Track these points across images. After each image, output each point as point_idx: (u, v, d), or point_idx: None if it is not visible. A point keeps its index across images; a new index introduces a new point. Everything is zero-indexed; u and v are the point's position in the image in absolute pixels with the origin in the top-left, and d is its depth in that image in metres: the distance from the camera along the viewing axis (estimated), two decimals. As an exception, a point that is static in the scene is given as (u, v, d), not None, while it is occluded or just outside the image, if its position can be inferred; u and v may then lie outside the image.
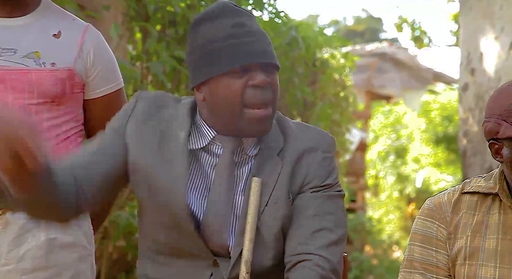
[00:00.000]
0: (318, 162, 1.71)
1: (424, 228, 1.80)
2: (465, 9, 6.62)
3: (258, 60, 1.62)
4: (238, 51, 1.61)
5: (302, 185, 1.71)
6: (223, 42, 1.62)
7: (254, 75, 1.62)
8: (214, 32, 1.63)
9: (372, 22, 29.29)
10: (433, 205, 1.81)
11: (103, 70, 2.04)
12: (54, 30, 1.99)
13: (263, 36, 1.66)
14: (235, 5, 1.68)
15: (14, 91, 1.90)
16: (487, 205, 1.78)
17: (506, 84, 1.73)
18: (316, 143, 1.73)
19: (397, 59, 14.29)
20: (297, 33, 5.25)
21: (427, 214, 1.81)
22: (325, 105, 6.42)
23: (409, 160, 13.05)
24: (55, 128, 1.96)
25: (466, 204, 1.79)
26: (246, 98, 1.62)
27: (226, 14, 1.64)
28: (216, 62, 1.62)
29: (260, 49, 1.63)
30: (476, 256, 1.74)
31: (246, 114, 1.63)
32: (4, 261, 1.92)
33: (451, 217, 1.78)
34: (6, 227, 1.92)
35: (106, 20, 3.50)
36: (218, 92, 1.63)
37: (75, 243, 1.98)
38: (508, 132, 1.66)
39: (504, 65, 5.79)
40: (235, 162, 1.71)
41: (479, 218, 1.77)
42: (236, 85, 1.62)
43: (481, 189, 1.79)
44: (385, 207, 13.12)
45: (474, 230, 1.76)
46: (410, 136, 13.20)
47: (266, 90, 1.63)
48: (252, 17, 1.68)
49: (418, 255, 1.79)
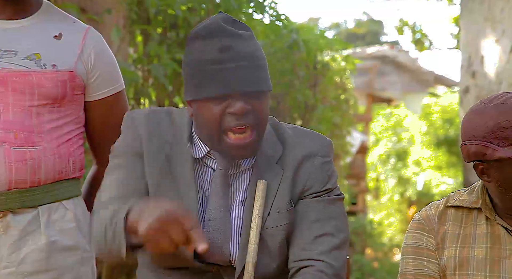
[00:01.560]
0: (317, 167, 1.72)
1: (415, 240, 1.82)
2: (466, 12, 6.62)
3: (237, 89, 1.60)
4: (219, 79, 1.59)
5: (303, 191, 1.71)
6: (207, 66, 1.61)
7: (232, 103, 1.61)
8: (202, 53, 1.62)
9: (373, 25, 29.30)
10: (421, 218, 1.84)
11: (104, 72, 2.04)
12: (55, 32, 1.99)
13: (251, 61, 1.62)
14: (234, 21, 1.65)
15: (15, 93, 1.90)
16: (473, 218, 1.80)
17: (479, 106, 1.71)
18: (314, 148, 1.73)
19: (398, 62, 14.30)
20: (298, 36, 5.25)
21: (416, 227, 1.84)
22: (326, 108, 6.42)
23: (410, 163, 13.05)
24: (56, 130, 1.96)
25: (452, 216, 1.82)
26: (224, 125, 1.62)
27: (216, 34, 1.61)
28: (199, 86, 1.62)
29: (243, 76, 1.60)
30: (466, 266, 1.76)
31: (225, 141, 1.63)
32: (5, 264, 1.92)
33: (437, 227, 1.81)
34: (7, 230, 1.92)
35: (108, 23, 3.50)
36: (200, 114, 1.64)
37: (75, 246, 1.98)
38: (497, 154, 1.66)
39: (505, 68, 5.79)
40: (230, 174, 1.71)
41: (467, 231, 1.79)
42: (214, 111, 1.61)
43: (464, 203, 1.81)
44: (386, 210, 13.12)
45: (463, 241, 1.78)
46: (411, 139, 13.20)
47: (247, 116, 1.61)
48: (244, 36, 1.63)
49: (411, 267, 1.81)
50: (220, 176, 1.69)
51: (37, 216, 1.94)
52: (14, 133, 1.89)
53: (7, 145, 1.88)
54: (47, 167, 1.93)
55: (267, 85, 1.65)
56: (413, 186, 12.83)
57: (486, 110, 1.69)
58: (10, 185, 1.89)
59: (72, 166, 1.99)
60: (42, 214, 1.94)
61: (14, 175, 1.89)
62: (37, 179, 1.92)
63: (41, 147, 1.93)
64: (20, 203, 1.91)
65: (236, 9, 4.09)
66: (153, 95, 3.94)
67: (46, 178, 1.94)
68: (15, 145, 1.89)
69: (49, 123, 1.95)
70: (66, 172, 1.98)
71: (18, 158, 1.89)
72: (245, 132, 1.62)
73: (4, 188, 1.89)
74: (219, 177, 1.69)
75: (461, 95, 6.65)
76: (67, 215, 1.98)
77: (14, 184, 1.90)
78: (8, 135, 1.88)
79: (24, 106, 1.91)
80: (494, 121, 1.66)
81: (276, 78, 5.10)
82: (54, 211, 1.96)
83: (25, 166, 1.90)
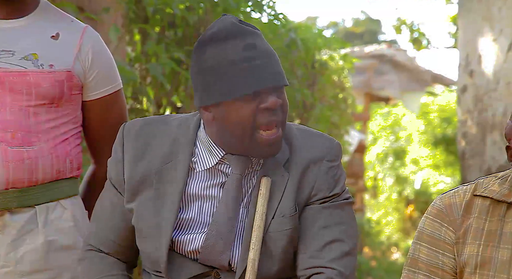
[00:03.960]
0: (324, 172, 1.69)
1: (432, 229, 1.72)
2: (464, 11, 6.62)
3: (271, 84, 1.62)
4: (251, 75, 1.60)
5: (310, 197, 1.69)
6: (235, 66, 1.60)
7: (265, 98, 1.61)
8: (226, 55, 1.60)
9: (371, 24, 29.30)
10: (443, 206, 1.72)
11: (102, 71, 2.04)
12: (53, 31, 1.99)
13: (273, 56, 1.65)
14: (241, 22, 1.65)
15: (12, 93, 1.90)
16: (501, 212, 1.68)
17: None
18: (322, 152, 1.71)
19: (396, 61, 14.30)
20: (296, 35, 5.24)
21: (436, 214, 1.73)
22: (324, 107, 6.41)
23: (408, 162, 13.05)
24: (54, 130, 1.96)
25: (478, 208, 1.70)
26: (257, 121, 1.62)
27: (236, 34, 1.61)
28: (229, 86, 1.60)
29: (271, 71, 1.62)
30: (488, 266, 1.66)
31: (257, 138, 1.62)
32: (3, 263, 1.92)
33: (461, 220, 1.70)
34: (4, 229, 1.92)
35: (105, 22, 3.50)
36: (229, 115, 1.62)
37: (73, 245, 1.98)
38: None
39: (502, 67, 5.79)
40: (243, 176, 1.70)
41: (493, 226, 1.68)
42: (248, 109, 1.61)
43: (495, 194, 1.68)
44: (384, 209, 13.12)
45: (487, 239, 1.67)
46: (408, 138, 13.20)
47: (276, 112, 1.63)
48: (259, 35, 1.65)
49: (424, 256, 1.72)
50: (234, 180, 1.68)
51: (34, 215, 1.93)
52: (11, 133, 1.89)
53: (4, 145, 1.88)
54: (45, 167, 1.93)
55: (286, 81, 1.68)
56: (411, 185, 12.84)
57: None
58: (8, 185, 1.89)
59: (69, 165, 1.99)
60: (39, 213, 1.94)
61: (12, 174, 1.89)
62: (35, 178, 1.92)
63: (38, 146, 1.92)
64: (17, 202, 1.91)
65: (234, 8, 4.09)
66: (151, 94, 3.93)
67: (44, 177, 1.93)
68: (12, 145, 1.88)
69: (46, 123, 1.95)
70: (64, 171, 1.98)
71: (15, 157, 1.88)
72: (275, 128, 1.63)
73: (1, 188, 1.89)
74: (234, 181, 1.68)
75: (459, 94, 6.65)
76: (65, 214, 1.98)
77: (11, 184, 1.89)
78: (5, 135, 1.88)
79: (22, 106, 1.91)
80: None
81: (274, 77, 5.09)
82: (51, 210, 1.96)
83: (22, 166, 1.89)
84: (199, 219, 1.69)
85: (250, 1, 4.38)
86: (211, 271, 1.69)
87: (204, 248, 1.67)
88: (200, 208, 1.69)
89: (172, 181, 1.68)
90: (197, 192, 1.69)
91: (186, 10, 3.90)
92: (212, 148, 1.68)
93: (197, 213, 1.69)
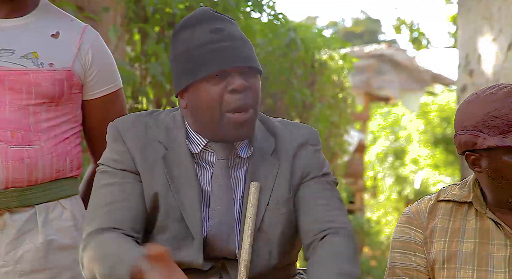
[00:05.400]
0: (311, 154, 1.77)
1: (402, 234, 1.84)
2: (463, 11, 6.62)
3: (236, 65, 1.63)
4: (216, 56, 1.62)
5: (302, 177, 1.74)
6: (201, 48, 1.63)
7: (232, 80, 1.63)
8: (193, 39, 1.64)
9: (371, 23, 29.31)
10: (410, 212, 1.86)
11: (102, 71, 2.04)
12: (53, 30, 1.99)
13: (244, 41, 1.66)
14: (215, 11, 1.68)
15: (12, 92, 1.90)
16: (463, 212, 1.81)
17: (472, 96, 1.74)
18: (305, 138, 1.78)
19: (396, 61, 14.31)
20: (295, 35, 5.25)
21: (405, 220, 1.85)
22: (323, 106, 6.42)
23: (408, 161, 13.06)
24: (54, 129, 1.96)
25: (441, 210, 1.83)
26: (225, 103, 1.63)
27: (205, 20, 1.65)
28: (195, 68, 1.63)
29: (238, 54, 1.64)
30: (454, 260, 1.77)
31: (225, 119, 1.64)
32: (2, 262, 1.92)
33: (427, 222, 1.82)
34: (4, 229, 1.92)
35: (105, 21, 3.50)
36: (198, 98, 1.65)
37: (73, 245, 1.98)
38: (487, 143, 1.67)
39: (502, 67, 5.79)
40: (230, 166, 1.72)
41: (456, 225, 1.81)
42: (214, 90, 1.63)
43: (456, 197, 1.82)
44: (383, 208, 13.13)
45: (451, 235, 1.80)
46: (408, 138, 13.21)
47: (245, 95, 1.64)
48: (233, 23, 1.68)
49: (398, 262, 1.83)
50: (221, 167, 1.70)
51: (34, 214, 1.93)
52: (11, 132, 1.89)
53: (3, 144, 1.87)
54: (44, 166, 1.93)
55: (259, 67, 1.69)
56: (410, 185, 12.85)
57: (477, 100, 1.71)
58: (7, 184, 1.89)
59: (69, 165, 1.99)
60: (39, 213, 1.94)
61: (11, 174, 1.89)
62: (34, 177, 1.92)
63: (38, 145, 1.92)
64: (17, 202, 1.91)
65: (234, 8, 4.09)
66: (150, 94, 3.94)
67: (43, 176, 1.93)
68: (12, 144, 1.88)
69: (46, 122, 1.95)
70: (64, 171, 1.98)
71: (15, 156, 1.88)
72: (243, 111, 1.65)
73: (1, 187, 1.89)
74: (220, 168, 1.70)
75: (459, 93, 6.66)
76: (65, 213, 1.98)
77: (11, 183, 1.89)
78: (5, 134, 1.88)
79: (21, 105, 1.91)
80: (485, 111, 1.67)
81: (274, 77, 5.10)
82: (51, 210, 1.96)
83: (22, 165, 1.89)
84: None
85: (250, 1, 4.39)
86: (218, 263, 1.71)
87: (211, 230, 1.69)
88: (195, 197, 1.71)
89: (179, 164, 1.70)
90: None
91: (185, 9, 3.90)
92: (194, 137, 1.71)
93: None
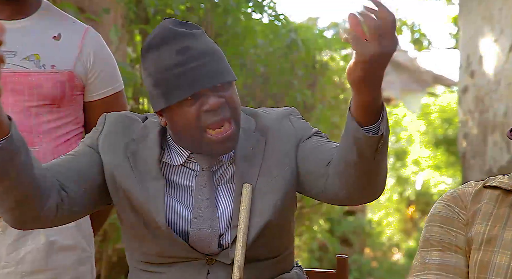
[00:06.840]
0: (297, 121, 1.78)
1: (445, 210, 1.78)
2: (464, 12, 6.63)
3: (207, 86, 1.62)
4: (185, 79, 1.61)
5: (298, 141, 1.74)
6: (170, 71, 1.61)
7: (205, 100, 1.62)
8: (161, 61, 1.62)
9: (372, 24, 29.23)
10: (456, 193, 1.80)
11: (103, 72, 2.04)
12: (54, 32, 1.99)
13: (211, 55, 1.64)
14: (181, 23, 1.66)
15: (14, 93, 1.90)
16: (510, 202, 1.75)
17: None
18: (286, 112, 1.80)
19: (397, 62, 14.32)
20: (296, 36, 5.25)
21: (449, 199, 1.79)
22: (324, 107, 6.42)
23: (409, 162, 13.05)
24: (55, 131, 1.96)
25: (487, 196, 1.77)
26: (203, 122, 1.63)
27: (169, 39, 1.62)
28: (167, 93, 1.62)
29: (208, 72, 1.62)
30: (493, 243, 1.71)
31: (206, 138, 1.64)
32: (4, 263, 1.92)
33: (470, 205, 1.77)
34: (6, 230, 1.92)
35: (106, 23, 3.50)
36: (176, 120, 1.65)
37: (74, 246, 1.98)
38: None
39: (503, 68, 5.79)
40: (213, 170, 1.72)
41: (501, 212, 1.75)
42: (190, 112, 1.62)
43: (504, 185, 1.76)
44: (385, 210, 13.12)
45: (494, 220, 1.74)
46: (409, 139, 13.20)
47: (222, 110, 1.63)
48: (197, 35, 1.65)
49: (436, 234, 1.77)
50: (204, 176, 1.70)
51: (36, 216, 1.93)
52: (13, 133, 1.89)
53: (6, 145, 1.88)
54: (46, 167, 1.93)
55: (232, 76, 1.67)
56: (412, 186, 12.83)
57: None
58: (9, 185, 1.89)
59: (71, 166, 1.99)
60: (41, 214, 1.94)
61: (13, 175, 1.89)
62: (36, 179, 1.92)
63: (40, 147, 1.93)
64: (19, 203, 1.91)
65: (235, 9, 4.10)
66: (151, 95, 3.94)
67: (45, 177, 1.93)
68: (14, 145, 1.88)
69: (48, 123, 1.95)
70: (65, 172, 1.98)
71: (17, 157, 1.88)
72: (224, 126, 1.64)
73: (3, 188, 1.89)
74: (204, 176, 1.70)
75: (460, 94, 6.66)
76: (66, 215, 1.98)
77: (13, 184, 1.89)
78: (7, 135, 1.88)
79: (23, 106, 1.91)
80: None
81: (275, 78, 5.10)
82: (53, 211, 1.96)
83: (24, 166, 1.89)
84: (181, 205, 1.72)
85: (250, 2, 4.39)
86: (204, 258, 1.70)
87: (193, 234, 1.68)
88: (181, 196, 1.72)
89: (146, 158, 1.70)
90: (176, 180, 1.72)
91: (186, 11, 3.91)
92: (177, 149, 1.72)
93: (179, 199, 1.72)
